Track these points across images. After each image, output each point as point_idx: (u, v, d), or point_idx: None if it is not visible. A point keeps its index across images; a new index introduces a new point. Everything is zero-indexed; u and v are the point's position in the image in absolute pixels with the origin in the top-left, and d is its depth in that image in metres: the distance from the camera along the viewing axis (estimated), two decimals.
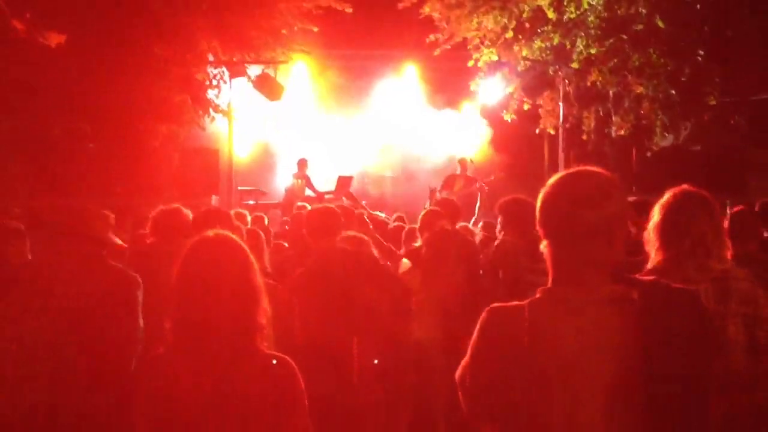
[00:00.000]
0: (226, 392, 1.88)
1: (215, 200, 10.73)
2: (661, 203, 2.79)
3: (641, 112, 10.20)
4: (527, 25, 10.69)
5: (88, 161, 9.72)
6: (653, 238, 2.76)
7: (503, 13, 10.66)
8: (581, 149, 11.22)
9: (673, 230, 2.70)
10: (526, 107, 11.75)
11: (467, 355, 1.77)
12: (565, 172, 1.78)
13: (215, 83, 10.53)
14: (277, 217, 11.22)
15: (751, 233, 3.84)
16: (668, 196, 2.79)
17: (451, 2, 11.02)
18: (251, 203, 11.47)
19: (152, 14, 8.39)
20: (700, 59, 9.67)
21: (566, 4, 10.04)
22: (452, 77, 13.35)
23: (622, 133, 10.53)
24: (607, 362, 1.61)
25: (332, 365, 3.62)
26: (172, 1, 8.50)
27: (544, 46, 10.67)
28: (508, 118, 12.10)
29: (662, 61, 9.68)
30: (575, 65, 10.39)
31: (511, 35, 10.76)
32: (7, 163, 9.12)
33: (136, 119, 9.39)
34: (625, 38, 9.80)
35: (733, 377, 2.52)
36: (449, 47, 11.64)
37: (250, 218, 6.36)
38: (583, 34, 10.05)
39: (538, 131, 12.29)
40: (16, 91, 8.03)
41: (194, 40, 9.24)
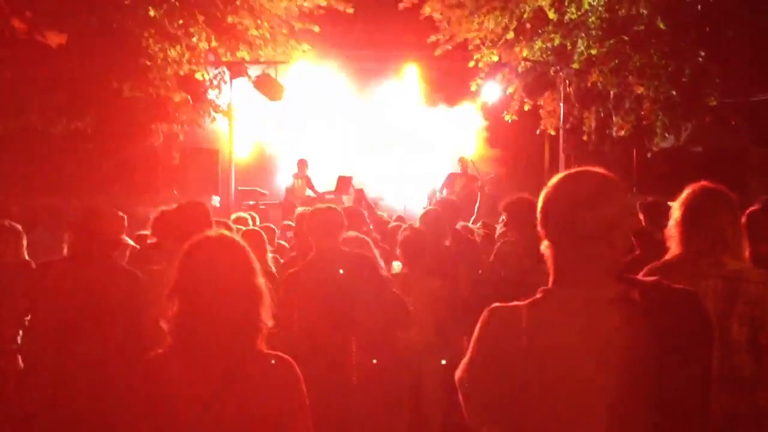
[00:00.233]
0: (227, 393, 1.87)
1: (215, 200, 10.74)
2: (681, 200, 2.79)
3: (642, 112, 10.19)
4: (528, 25, 10.68)
5: (87, 161, 9.73)
6: (674, 233, 2.76)
7: (504, 13, 10.65)
8: (582, 150, 11.21)
9: (693, 225, 2.70)
10: (526, 108, 11.75)
11: (467, 355, 1.77)
12: (566, 172, 1.77)
13: (216, 83, 10.53)
14: (277, 217, 11.21)
15: (765, 234, 3.82)
16: (688, 192, 2.79)
17: (451, 3, 11.02)
18: (251, 203, 11.46)
19: (151, 14, 8.38)
20: (700, 60, 9.65)
21: (567, 4, 10.03)
22: (453, 78, 13.34)
23: (622, 133, 10.52)
24: (607, 363, 1.60)
25: (331, 365, 3.62)
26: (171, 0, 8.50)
27: (544, 46, 10.66)
28: (508, 118, 12.10)
29: (663, 61, 9.66)
30: (576, 66, 10.38)
31: (512, 36, 10.75)
32: (6, 162, 9.12)
33: (135, 119, 9.39)
34: (625, 39, 9.78)
35: (735, 377, 2.52)
36: (450, 48, 11.63)
37: (251, 220, 6.36)
38: (583, 34, 10.04)
39: (538, 132, 12.29)
40: (15, 90, 8.03)
41: (194, 39, 9.23)
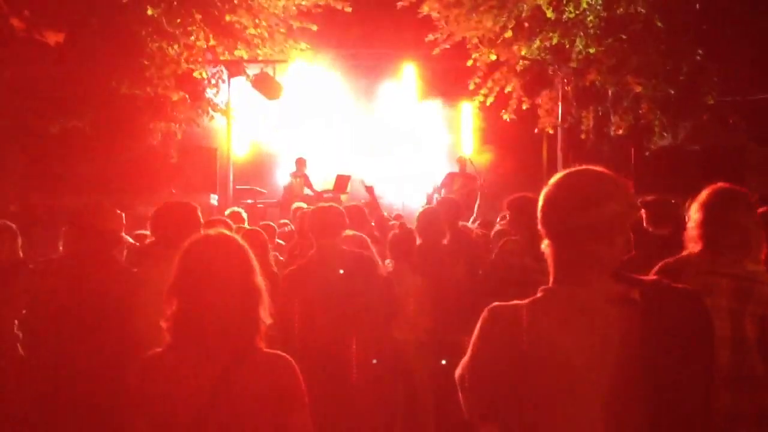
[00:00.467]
0: (225, 391, 1.87)
1: (213, 199, 10.73)
2: (700, 201, 2.79)
3: (640, 111, 10.19)
4: (526, 24, 10.67)
5: (85, 159, 9.71)
6: (696, 233, 2.76)
7: (502, 12, 10.64)
8: (580, 149, 11.21)
9: (718, 225, 2.70)
10: (524, 106, 11.74)
11: (467, 354, 1.77)
12: (566, 171, 1.76)
13: (214, 82, 10.52)
14: (275, 216, 11.20)
15: None
16: (708, 193, 2.79)
17: (449, 1, 11.00)
18: (249, 202, 11.45)
19: (150, 12, 8.37)
20: (698, 59, 9.66)
21: (565, 3, 10.02)
22: (451, 76, 13.33)
23: (620, 132, 10.53)
24: (607, 362, 1.60)
25: (332, 363, 3.62)
26: None
27: (543, 45, 10.65)
28: (506, 117, 12.09)
29: (661, 60, 9.67)
30: (574, 65, 10.38)
31: (510, 35, 10.74)
32: (4, 160, 9.10)
33: (134, 118, 9.38)
34: (624, 38, 9.79)
35: (747, 376, 2.51)
36: (448, 46, 11.62)
37: (246, 217, 6.35)
38: (582, 33, 10.03)
39: (536, 130, 12.28)
40: (14, 89, 8.01)
41: (192, 38, 9.22)
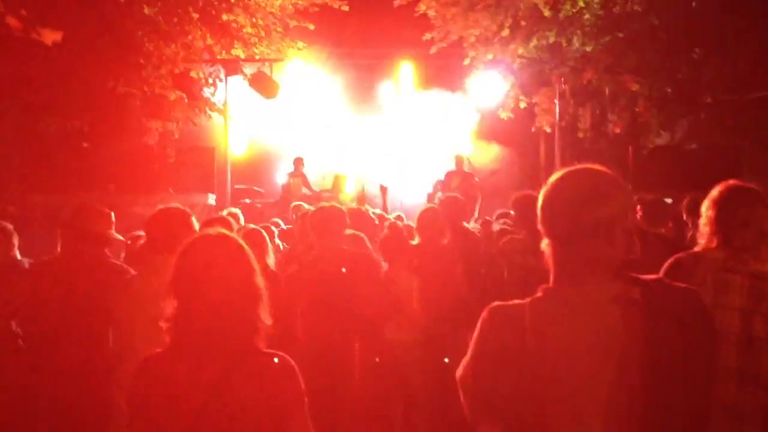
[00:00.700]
0: (225, 392, 1.86)
1: (211, 198, 10.71)
2: (712, 198, 2.76)
3: (637, 110, 10.22)
4: (523, 23, 10.69)
5: (83, 159, 9.69)
6: (710, 230, 2.72)
7: (499, 10, 10.66)
8: (577, 147, 11.23)
9: (731, 222, 2.67)
10: (522, 105, 11.75)
11: (468, 353, 1.76)
12: (566, 170, 1.75)
13: (211, 81, 10.51)
14: (273, 215, 11.18)
15: None
16: (720, 190, 2.76)
17: (447, 0, 11.01)
18: (247, 201, 11.43)
19: (146, 12, 8.36)
20: (695, 57, 9.69)
21: (562, 2, 10.04)
22: (448, 75, 13.34)
23: (618, 131, 10.55)
24: (608, 361, 1.60)
25: (334, 363, 3.62)
26: None
27: (540, 44, 10.67)
28: (504, 116, 12.10)
29: (658, 59, 9.69)
30: (571, 63, 10.39)
31: (507, 33, 10.75)
32: (1, 160, 9.08)
33: (131, 117, 9.36)
34: (620, 36, 9.81)
35: (756, 374, 2.51)
36: (445, 45, 11.62)
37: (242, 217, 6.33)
38: (579, 32, 10.06)
39: (534, 129, 12.30)
40: (10, 88, 7.99)
41: (189, 37, 9.21)
